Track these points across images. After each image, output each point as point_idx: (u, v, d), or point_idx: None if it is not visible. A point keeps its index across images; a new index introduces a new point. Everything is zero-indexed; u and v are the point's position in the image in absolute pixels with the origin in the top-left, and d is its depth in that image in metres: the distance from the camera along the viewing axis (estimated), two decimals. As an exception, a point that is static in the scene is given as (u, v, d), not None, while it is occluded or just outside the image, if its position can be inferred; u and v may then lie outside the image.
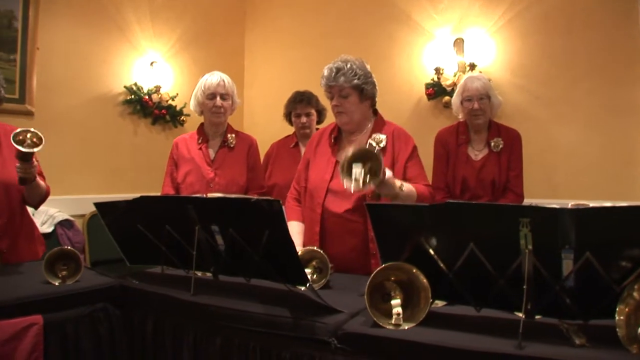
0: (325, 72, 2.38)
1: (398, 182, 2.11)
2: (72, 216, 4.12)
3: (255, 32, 5.75)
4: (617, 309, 1.27)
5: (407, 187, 2.17)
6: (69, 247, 2.14)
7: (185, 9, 5.17)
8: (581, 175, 3.85)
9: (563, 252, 1.36)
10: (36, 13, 4.16)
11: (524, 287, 1.36)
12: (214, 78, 2.89)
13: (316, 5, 5.23)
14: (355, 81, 2.33)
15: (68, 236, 4.06)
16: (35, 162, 2.32)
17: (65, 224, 4.06)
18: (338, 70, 2.33)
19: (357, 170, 1.91)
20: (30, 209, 2.70)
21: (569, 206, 1.32)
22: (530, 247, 1.35)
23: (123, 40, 4.69)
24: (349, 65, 2.33)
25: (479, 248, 1.45)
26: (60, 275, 2.04)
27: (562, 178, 3.93)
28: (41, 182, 2.50)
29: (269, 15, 5.63)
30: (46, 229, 3.82)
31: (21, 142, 2.19)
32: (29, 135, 2.23)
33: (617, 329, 1.26)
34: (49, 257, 2.05)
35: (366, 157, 1.95)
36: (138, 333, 2.01)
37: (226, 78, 2.92)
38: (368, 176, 1.92)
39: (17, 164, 2.26)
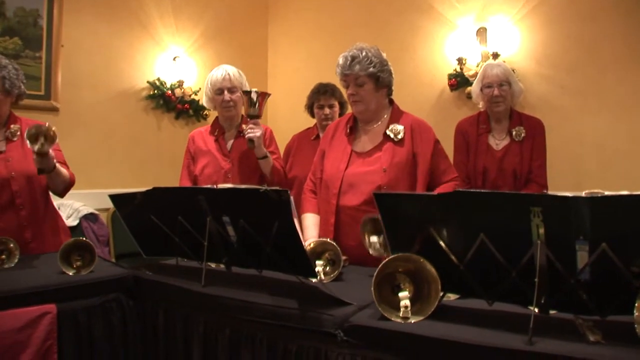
0: (341, 61, 2.34)
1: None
2: (97, 210, 4.17)
3: (278, 25, 5.74)
4: (636, 305, 1.21)
5: None
6: (84, 239, 2.15)
7: (208, 4, 5.18)
8: (609, 167, 3.73)
9: (577, 244, 1.30)
10: (60, 11, 4.22)
11: (536, 280, 1.31)
12: (219, 73, 2.87)
13: (338, -5, 5.19)
14: (371, 69, 2.29)
15: (93, 229, 4.11)
16: (52, 154, 2.34)
17: (90, 217, 4.12)
18: (353, 58, 2.30)
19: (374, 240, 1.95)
20: (55, 203, 2.76)
21: (583, 194, 1.26)
22: (542, 237, 1.30)
23: (146, 36, 4.73)
24: (364, 53, 2.30)
25: (490, 239, 1.40)
26: (75, 266, 2.06)
27: (589, 170, 3.81)
28: (63, 170, 2.54)
29: (291, 8, 5.62)
30: (71, 222, 3.88)
31: (35, 139, 2.23)
32: (43, 129, 2.25)
33: (636, 325, 1.20)
34: (64, 248, 2.07)
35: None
36: (149, 323, 2.02)
37: (231, 70, 2.89)
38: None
39: (34, 157, 2.30)
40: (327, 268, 1.94)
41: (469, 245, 1.45)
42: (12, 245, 2.21)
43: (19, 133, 2.55)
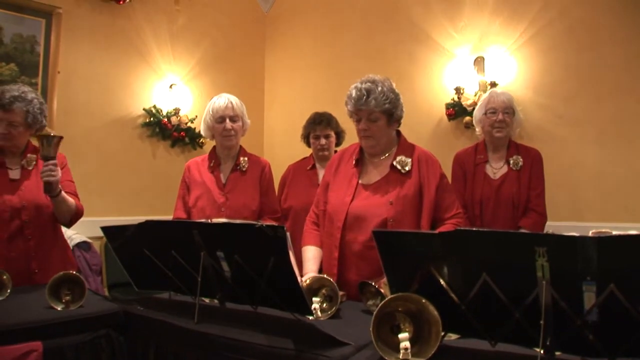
0: (354, 94, 2.25)
1: None
2: (90, 238, 4.12)
3: (275, 54, 5.76)
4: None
5: None
6: (74, 272, 2.10)
7: (205, 32, 5.21)
8: (608, 198, 3.69)
9: (584, 284, 1.25)
10: (58, 38, 4.24)
11: (542, 322, 1.26)
12: (222, 101, 2.84)
13: (335, 26, 5.22)
14: (387, 105, 2.23)
15: (85, 258, 4.04)
16: (59, 168, 2.42)
17: (83, 246, 4.06)
18: (369, 92, 2.21)
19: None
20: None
21: (590, 234, 1.21)
22: (547, 278, 1.25)
23: (143, 64, 4.74)
24: (379, 88, 2.22)
25: (493, 278, 1.36)
26: (64, 300, 2.00)
27: (587, 200, 3.77)
28: (69, 198, 2.57)
29: (288, 37, 5.65)
30: (63, 251, 3.81)
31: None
32: (52, 133, 2.38)
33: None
34: (53, 281, 2.01)
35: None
36: (140, 361, 1.95)
37: (234, 100, 2.86)
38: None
39: (42, 167, 2.37)
40: (324, 305, 1.89)
41: (470, 284, 1.40)
42: (5, 277, 2.16)
43: (34, 162, 2.60)
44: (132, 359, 1.98)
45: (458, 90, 4.25)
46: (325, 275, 2.00)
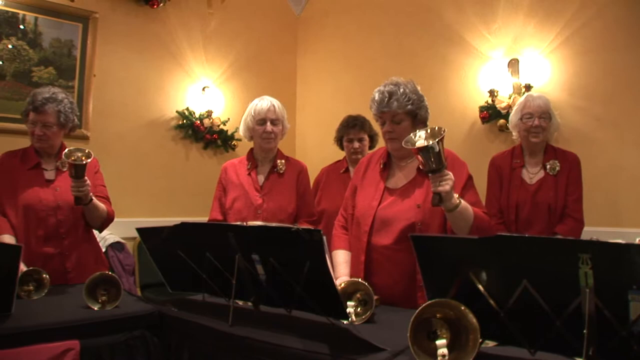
0: (377, 97, 2.25)
1: (456, 195, 1.98)
2: (124, 239, 4.18)
3: (307, 57, 5.77)
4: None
5: (465, 203, 2.03)
6: (111, 273, 2.12)
7: (237, 35, 5.24)
8: (648, 201, 3.59)
9: (630, 293, 1.21)
10: (94, 42, 4.32)
11: (585, 331, 1.23)
12: (264, 103, 2.83)
13: (367, 28, 5.20)
14: (409, 106, 2.21)
15: (119, 258, 4.10)
16: (88, 182, 2.45)
17: (116, 246, 4.12)
18: (390, 95, 2.20)
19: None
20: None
21: (637, 241, 1.18)
22: (591, 286, 1.22)
23: (176, 67, 4.79)
24: (401, 90, 2.21)
25: (534, 285, 1.32)
26: (100, 300, 2.03)
27: (626, 205, 3.67)
28: (100, 204, 2.63)
29: (320, 40, 5.65)
30: (98, 251, 3.87)
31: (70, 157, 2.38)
32: (80, 154, 2.39)
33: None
34: (90, 281, 2.05)
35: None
36: (174, 362, 1.96)
37: (276, 103, 2.86)
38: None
39: (71, 183, 2.40)
40: (359, 309, 1.87)
41: (510, 291, 1.37)
42: (44, 275, 2.23)
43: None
44: (166, 360, 1.99)
45: (492, 93, 4.19)
46: (360, 279, 1.98)
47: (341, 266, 2.30)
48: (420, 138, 1.91)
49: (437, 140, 1.83)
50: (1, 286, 1.85)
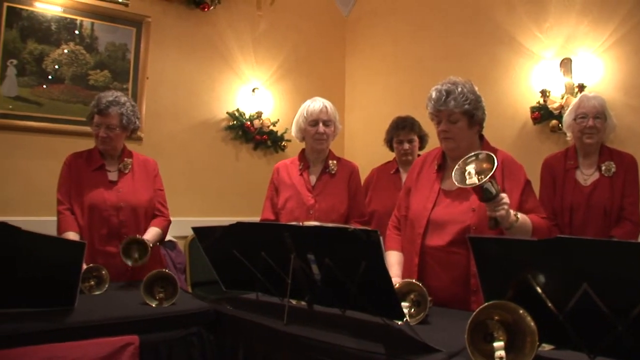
0: (434, 95, 2.22)
1: (512, 212, 1.95)
2: (175, 237, 4.27)
3: (355, 57, 5.77)
4: None
5: (522, 216, 2.00)
6: (167, 270, 2.17)
7: (286, 37, 5.29)
8: None
9: (699, 301, 1.18)
10: (147, 45, 4.43)
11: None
12: (317, 104, 2.84)
13: (415, 28, 5.16)
14: (466, 106, 2.18)
15: (171, 257, 4.19)
16: (150, 242, 2.63)
17: (168, 244, 4.20)
18: (448, 93, 2.18)
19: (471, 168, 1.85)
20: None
21: None
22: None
23: (226, 69, 4.87)
24: (459, 89, 2.19)
25: (594, 289, 1.30)
26: (157, 297, 2.08)
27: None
28: (156, 234, 2.78)
29: (368, 40, 5.64)
30: (150, 249, 3.97)
31: (128, 252, 2.55)
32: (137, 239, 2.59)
33: None
34: (147, 279, 2.10)
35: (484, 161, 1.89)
36: (228, 359, 1.99)
37: (328, 104, 2.87)
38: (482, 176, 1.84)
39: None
40: (412, 310, 1.87)
41: (569, 294, 1.34)
42: (104, 272, 2.32)
43: (130, 166, 2.80)
44: (222, 357, 2.02)
45: (544, 93, 4.10)
46: (414, 280, 1.98)
47: (393, 267, 2.29)
48: (470, 176, 1.88)
49: (488, 177, 1.81)
50: (66, 281, 1.92)
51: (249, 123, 4.85)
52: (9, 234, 1.76)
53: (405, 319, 1.64)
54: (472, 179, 1.86)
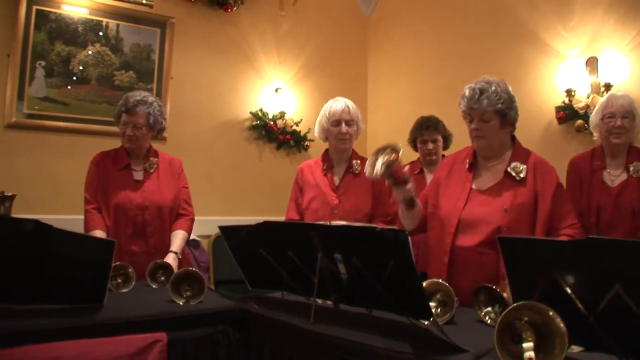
0: (467, 93, 2.22)
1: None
2: (199, 236, 4.30)
3: (378, 57, 5.76)
4: None
5: None
6: (194, 269, 2.20)
7: (308, 37, 5.30)
8: None
9: None
10: (171, 46, 4.48)
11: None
12: (339, 104, 2.85)
13: (438, 27, 5.14)
14: (499, 105, 2.17)
15: (194, 255, 4.22)
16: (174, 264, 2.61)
17: (192, 243, 4.23)
18: (482, 91, 2.18)
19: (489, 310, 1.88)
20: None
21: None
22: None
23: (249, 69, 4.90)
24: (493, 88, 2.18)
25: (627, 290, 1.28)
26: (184, 295, 2.10)
27: None
28: (180, 241, 2.79)
29: (390, 40, 5.63)
30: (174, 248, 4.00)
31: (154, 274, 2.50)
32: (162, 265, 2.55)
33: None
34: (174, 277, 2.13)
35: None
36: (255, 358, 2.01)
37: (351, 104, 2.88)
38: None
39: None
40: (439, 310, 1.86)
41: (599, 295, 1.33)
42: (130, 270, 2.35)
43: (156, 166, 2.83)
44: (248, 356, 2.04)
45: (569, 93, 4.06)
46: (440, 280, 1.97)
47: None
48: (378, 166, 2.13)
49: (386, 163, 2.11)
50: (96, 278, 1.96)
51: (272, 123, 4.88)
52: (41, 232, 1.79)
53: (432, 319, 1.63)
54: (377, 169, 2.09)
